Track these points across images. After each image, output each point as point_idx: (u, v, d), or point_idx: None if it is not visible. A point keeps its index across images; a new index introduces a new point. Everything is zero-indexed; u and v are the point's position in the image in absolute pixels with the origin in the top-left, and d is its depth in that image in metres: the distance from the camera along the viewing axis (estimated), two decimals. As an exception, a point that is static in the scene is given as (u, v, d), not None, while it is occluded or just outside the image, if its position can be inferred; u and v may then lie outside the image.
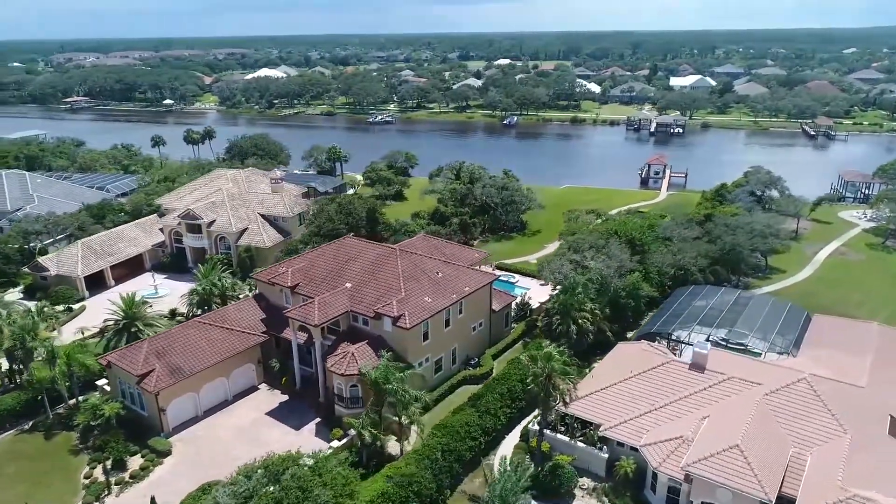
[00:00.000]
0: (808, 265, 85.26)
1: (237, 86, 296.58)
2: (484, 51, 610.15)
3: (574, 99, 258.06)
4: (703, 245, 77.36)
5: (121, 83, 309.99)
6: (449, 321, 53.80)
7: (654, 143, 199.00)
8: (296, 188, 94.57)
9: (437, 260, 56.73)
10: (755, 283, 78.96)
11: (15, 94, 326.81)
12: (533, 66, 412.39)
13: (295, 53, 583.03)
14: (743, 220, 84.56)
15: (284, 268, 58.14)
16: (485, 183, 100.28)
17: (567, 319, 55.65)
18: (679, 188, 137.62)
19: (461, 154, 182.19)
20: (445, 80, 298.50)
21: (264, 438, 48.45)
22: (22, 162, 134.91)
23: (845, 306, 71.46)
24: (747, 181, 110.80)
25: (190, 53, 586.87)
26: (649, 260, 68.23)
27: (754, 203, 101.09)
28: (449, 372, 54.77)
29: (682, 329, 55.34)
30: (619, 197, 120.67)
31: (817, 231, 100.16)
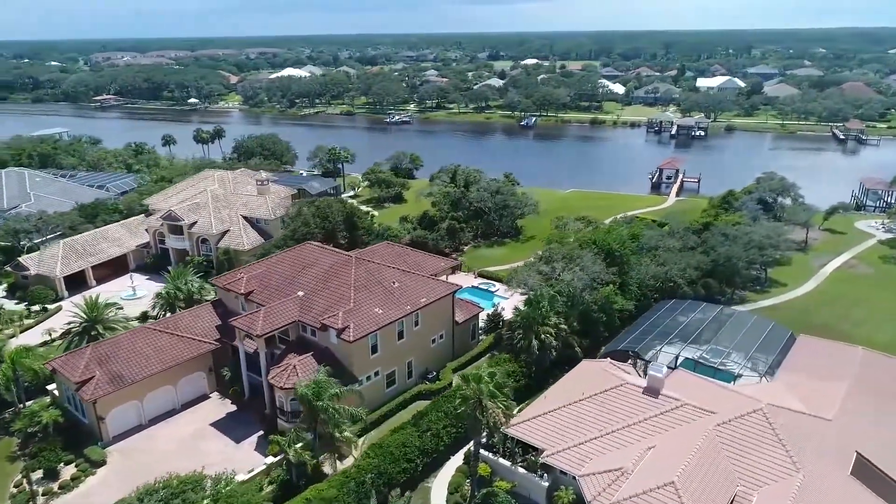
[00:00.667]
0: (812, 278, 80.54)
1: (260, 85, 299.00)
2: (514, 50, 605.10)
3: (596, 100, 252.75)
4: (696, 256, 73.65)
5: (148, 82, 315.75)
6: (403, 333, 51.67)
7: (675, 147, 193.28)
8: (285, 190, 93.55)
9: (396, 269, 54.64)
10: (751, 297, 74.85)
11: (49, 93, 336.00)
12: (560, 66, 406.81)
13: (326, 53, 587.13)
14: (743, 230, 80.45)
15: (242, 274, 56.83)
16: (480, 187, 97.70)
17: (529, 334, 52.97)
18: (692, 193, 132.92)
19: (473, 155, 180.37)
20: (467, 80, 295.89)
21: (203, 451, 47.09)
22: (35, 160, 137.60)
23: (844, 324, 67.10)
24: (758, 188, 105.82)
25: (224, 53, 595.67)
26: (629, 272, 64.95)
27: (760, 211, 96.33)
28: (404, 386, 52.65)
29: (651, 347, 52.13)
30: (623, 202, 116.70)
31: (829, 242, 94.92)
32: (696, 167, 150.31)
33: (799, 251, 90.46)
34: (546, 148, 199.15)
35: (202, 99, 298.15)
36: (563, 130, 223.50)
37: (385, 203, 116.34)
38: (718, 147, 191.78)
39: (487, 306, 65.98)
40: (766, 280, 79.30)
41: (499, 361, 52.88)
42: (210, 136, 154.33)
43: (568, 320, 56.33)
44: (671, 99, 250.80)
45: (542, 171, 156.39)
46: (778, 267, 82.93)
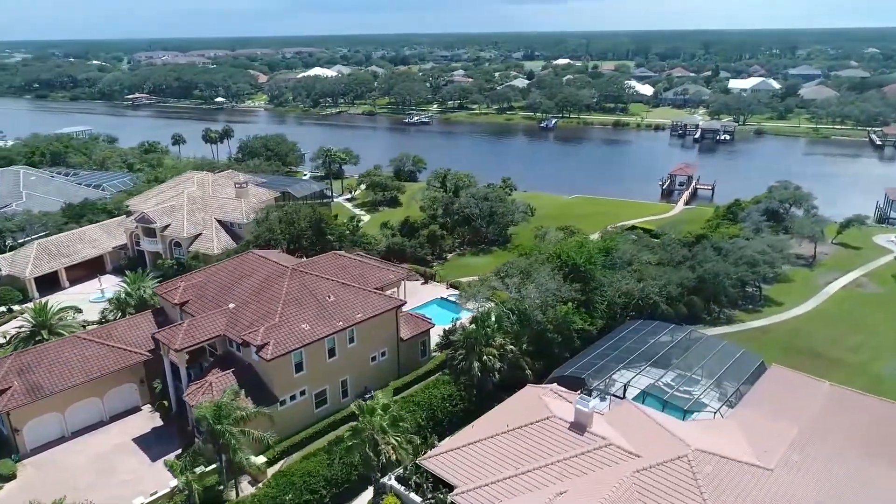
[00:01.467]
0: (813, 297, 74.60)
1: (286, 85, 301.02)
2: (551, 50, 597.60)
3: (621, 101, 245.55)
4: (681, 271, 68.91)
5: (179, 81, 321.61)
6: (334, 351, 48.93)
7: (699, 151, 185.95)
8: (267, 193, 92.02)
9: (336, 282, 51.90)
10: (741, 317, 69.60)
11: (86, 91, 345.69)
12: (592, 66, 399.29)
13: (362, 52, 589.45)
14: (737, 245, 75.18)
15: (182, 282, 55.01)
16: (469, 192, 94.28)
17: (471, 355, 49.59)
18: (705, 202, 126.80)
19: (485, 157, 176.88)
20: (492, 81, 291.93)
21: (117, 468, 45.31)
22: (46, 157, 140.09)
23: (836, 350, 61.62)
24: (767, 197, 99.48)
25: (262, 52, 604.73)
26: (597, 288, 60.75)
27: (765, 223, 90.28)
28: (338, 405, 49.87)
29: (603, 373, 48.12)
30: (627, 210, 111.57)
31: (840, 257, 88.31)
32: (717, 173, 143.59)
33: (805, 267, 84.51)
34: (563, 151, 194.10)
35: (229, 98, 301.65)
36: (585, 133, 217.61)
37: (380, 207, 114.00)
38: (744, 152, 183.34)
39: (453, 320, 62.79)
40: (761, 298, 73.82)
41: (436, 384, 49.75)
42: (219, 135, 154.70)
43: (519, 340, 52.85)
44: (700, 101, 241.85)
45: (553, 175, 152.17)
46: (778, 284, 77.46)
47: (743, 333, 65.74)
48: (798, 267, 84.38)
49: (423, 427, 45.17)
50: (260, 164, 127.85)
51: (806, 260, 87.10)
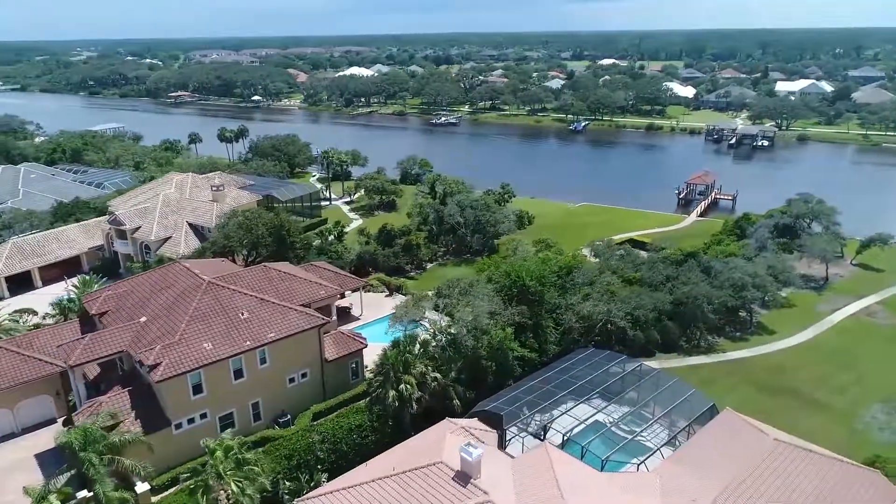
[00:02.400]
0: (813, 326, 67.45)
1: (321, 84, 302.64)
2: (601, 50, 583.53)
3: (658, 103, 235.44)
4: (658, 294, 63.24)
5: (220, 79, 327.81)
6: (242, 372, 46.02)
7: (734, 158, 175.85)
8: (248, 196, 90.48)
9: (255, 297, 48.98)
10: (723, 346, 63.39)
11: (134, 88, 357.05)
12: (638, 66, 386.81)
13: (409, 51, 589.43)
14: (733, 264, 68.72)
15: (109, 291, 53.26)
16: (456, 200, 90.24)
17: (387, 383, 45.81)
18: (725, 213, 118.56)
19: (503, 160, 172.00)
20: (526, 81, 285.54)
21: (9, 487, 43.57)
22: (66, 155, 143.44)
23: (821, 391, 55.03)
24: (785, 211, 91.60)
25: (312, 51, 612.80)
26: (553, 311, 55.96)
27: (775, 240, 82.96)
28: (248, 429, 46.91)
29: (527, 409, 43.54)
30: (632, 220, 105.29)
31: (857, 280, 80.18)
32: (747, 182, 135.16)
33: (813, 290, 77.00)
34: (588, 154, 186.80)
35: (266, 96, 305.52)
36: (615, 136, 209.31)
37: (376, 211, 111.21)
38: (783, 160, 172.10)
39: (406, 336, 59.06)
40: (751, 326, 67.18)
41: (349, 412, 46.28)
42: (234, 134, 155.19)
43: (448, 368, 48.78)
44: (743, 104, 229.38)
45: (569, 180, 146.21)
46: (777, 309, 70.49)
47: (719, 366, 59.70)
48: (805, 290, 76.96)
49: (301, 466, 41.97)
50: (262, 165, 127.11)
51: (817, 282, 79.46)
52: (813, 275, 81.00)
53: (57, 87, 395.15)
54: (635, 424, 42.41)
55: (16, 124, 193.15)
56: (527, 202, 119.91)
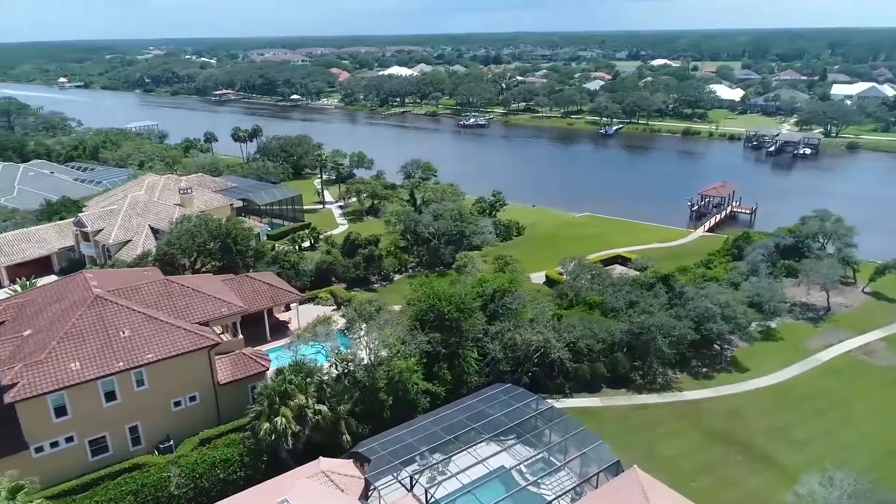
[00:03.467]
0: (796, 364, 59.89)
1: (359, 84, 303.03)
2: (659, 49, 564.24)
3: (699, 106, 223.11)
4: (608, 323, 57.36)
5: (263, 78, 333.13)
6: (115, 394, 43.37)
7: (772, 167, 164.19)
8: (221, 199, 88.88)
9: (143, 314, 46.28)
10: (681, 384, 56.84)
11: (184, 87, 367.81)
12: (692, 67, 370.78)
13: (460, 51, 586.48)
14: (708, 290, 61.93)
15: (15, 300, 51.84)
16: (431, 209, 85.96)
17: (262, 415, 42.23)
18: (743, 226, 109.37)
19: (523, 164, 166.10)
20: (565, 82, 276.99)
21: None
22: (86, 152, 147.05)
23: (778, 443, 48.35)
24: (791, 231, 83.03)
25: (366, 50, 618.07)
26: (479, 340, 51.05)
27: (768, 263, 74.92)
28: (125, 454, 44.29)
29: (398, 452, 39.04)
30: (632, 233, 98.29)
31: (865, 311, 71.36)
32: (777, 194, 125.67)
33: (810, 321, 68.85)
34: (613, 160, 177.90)
35: (304, 96, 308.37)
36: (649, 141, 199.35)
37: (365, 217, 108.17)
38: (826, 169, 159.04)
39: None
40: (722, 360, 60.12)
41: (221, 444, 42.91)
42: (248, 134, 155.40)
43: (341, 399, 44.84)
44: (793, 108, 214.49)
45: (583, 187, 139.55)
46: (760, 342, 63.27)
47: (670, 406, 53.31)
48: (802, 321, 69.07)
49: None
50: (263, 166, 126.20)
51: (816, 312, 71.11)
52: (814, 303, 72.65)
53: (115, 85, 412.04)
54: (513, 482, 37.28)
55: (57, 121, 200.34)
56: (527, 211, 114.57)
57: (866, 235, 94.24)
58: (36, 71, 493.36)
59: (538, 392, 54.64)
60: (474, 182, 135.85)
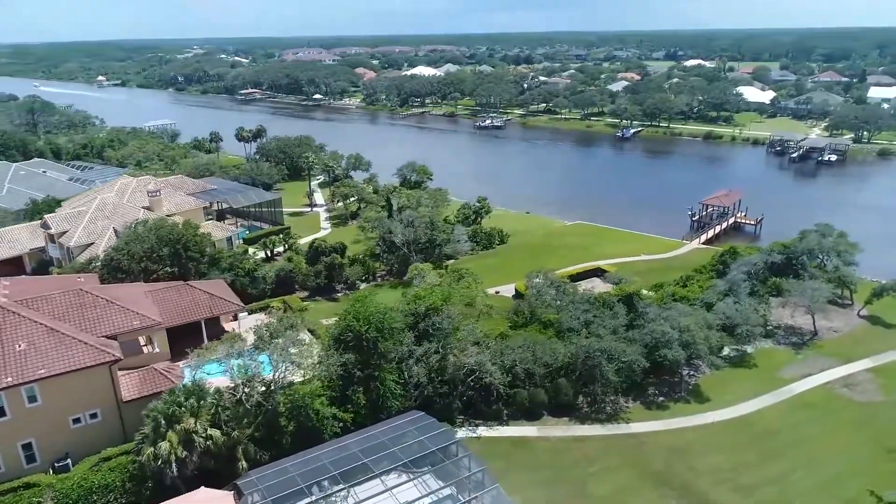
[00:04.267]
0: (766, 395, 55.12)
1: (380, 83, 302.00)
2: (699, 49, 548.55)
3: (724, 109, 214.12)
4: (553, 346, 53.47)
5: (289, 78, 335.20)
6: (4, 410, 41.68)
7: (794, 174, 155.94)
8: (193, 202, 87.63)
9: (44, 326, 44.47)
10: (629, 415, 52.58)
11: (213, 86, 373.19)
12: (727, 67, 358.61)
13: (490, 50, 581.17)
14: (670, 312, 57.41)
15: (-64, 306, 50.76)
16: (401, 217, 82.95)
17: (147, 439, 39.92)
18: (748, 238, 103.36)
19: (531, 167, 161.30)
20: (589, 82, 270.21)
21: None
22: (94, 151, 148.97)
23: (721, 488, 43.73)
24: (785, 246, 77.16)
25: (399, 49, 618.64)
26: (401, 362, 47.75)
27: (753, 281, 69.49)
28: (18, 471, 42.61)
29: (274, 488, 36.13)
30: (619, 244, 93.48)
31: (856, 337, 65.55)
32: (792, 203, 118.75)
33: (792, 346, 63.44)
34: (625, 165, 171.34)
35: (326, 95, 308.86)
36: (668, 145, 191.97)
37: (351, 221, 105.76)
38: (851, 177, 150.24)
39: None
40: (682, 390, 55.45)
41: (105, 468, 40.75)
42: (251, 134, 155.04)
43: (240, 423, 42.25)
44: (826, 111, 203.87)
45: (586, 193, 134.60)
46: (729, 369, 58.75)
47: (612, 440, 49.13)
48: (783, 346, 63.79)
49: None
50: (256, 167, 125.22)
51: (801, 336, 65.53)
52: (800, 326, 67.01)
53: (150, 83, 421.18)
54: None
55: (78, 119, 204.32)
56: (518, 218, 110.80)
57: (880, 252, 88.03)
58: (78, 69, 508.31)
59: (476, 418, 51.57)
60: (476, 185, 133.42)
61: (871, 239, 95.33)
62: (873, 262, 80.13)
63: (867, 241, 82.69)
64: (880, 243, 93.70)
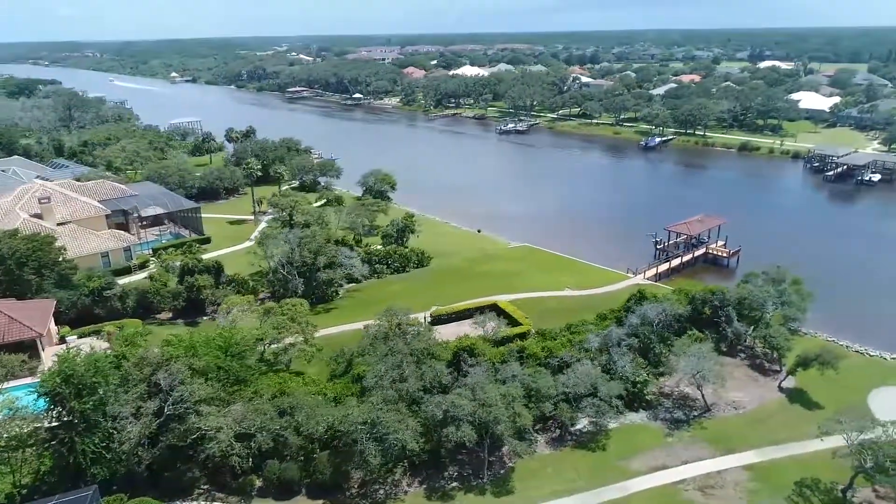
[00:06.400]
0: (588, 493, 44.77)
1: (418, 84, 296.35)
2: (788, 48, 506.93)
3: (773, 117, 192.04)
4: (326, 411, 45.16)
5: (336, 76, 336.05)
6: None
7: (829, 196, 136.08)
8: (94, 210, 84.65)
9: None
10: (399, 501, 43.07)
11: (269, 83, 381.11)
12: (807, 70, 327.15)
13: (553, 50, 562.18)
14: (480, 380, 47.81)
15: None
16: (286, 236, 76.02)
17: None
18: (720, 274, 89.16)
19: (528, 178, 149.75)
20: (633, 85, 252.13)
21: None
22: (90, 149, 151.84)
23: None
24: (712, 292, 64.26)
25: (471, 48, 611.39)
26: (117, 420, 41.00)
27: (631, 339, 57.57)
28: None
29: None
30: (552, 273, 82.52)
31: (758, 419, 53.44)
32: (794, 233, 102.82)
33: (671, 424, 51.72)
34: (633, 180, 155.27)
35: (367, 95, 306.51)
36: (696, 157, 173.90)
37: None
38: (893, 202, 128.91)
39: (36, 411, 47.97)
40: (485, 474, 45.42)
41: None
42: (240, 135, 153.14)
43: None
44: (890, 122, 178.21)
45: (559, 210, 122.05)
46: (569, 450, 48.15)
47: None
48: (660, 421, 52.52)
49: None
50: (228, 171, 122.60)
51: (689, 411, 53.43)
52: (695, 397, 54.68)
53: (217, 80, 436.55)
54: None
55: (110, 116, 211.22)
56: (461, 236, 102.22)
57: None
58: (160, 66, 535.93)
59: (221, 491, 44.07)
60: (452, 197, 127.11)
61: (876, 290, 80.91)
62: (862, 320, 66.42)
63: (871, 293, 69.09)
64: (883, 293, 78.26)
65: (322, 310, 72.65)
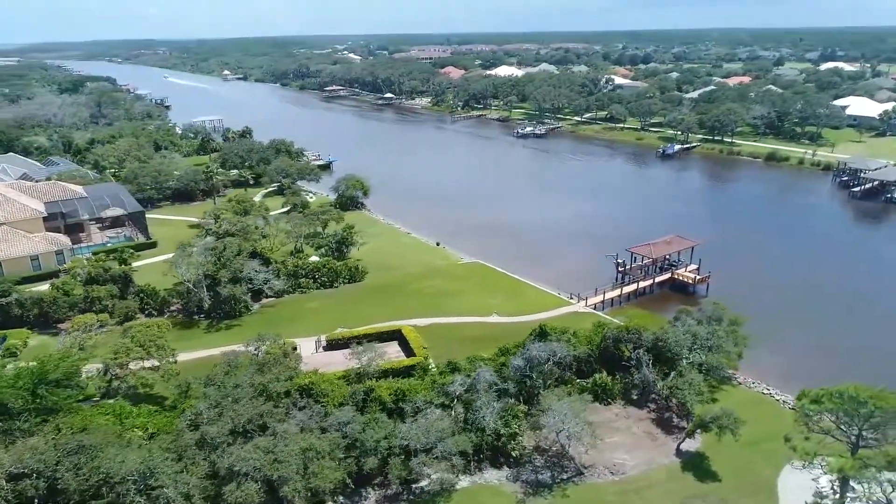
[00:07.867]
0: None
1: (450, 84, 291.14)
2: (865, 48, 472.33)
3: (812, 125, 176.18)
4: (138, 454, 40.99)
5: (372, 76, 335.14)
6: None
7: (854, 213, 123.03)
8: (30, 211, 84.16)
9: None
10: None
11: (309, 81, 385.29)
12: (875, 72, 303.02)
13: (604, 50, 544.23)
14: (287, 428, 42.69)
15: None
16: (199, 245, 72.99)
17: None
18: (681, 302, 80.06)
19: (524, 187, 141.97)
20: (669, 88, 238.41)
21: None
22: (95, 147, 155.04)
23: None
24: (629, 330, 56.58)
25: (525, 48, 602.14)
26: None
27: (508, 384, 50.95)
28: None
29: None
30: (489, 295, 76.28)
31: (633, 487, 45.35)
32: (792, 259, 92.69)
33: (533, 488, 45.22)
34: (636, 193, 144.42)
35: (399, 95, 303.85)
36: (717, 166, 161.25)
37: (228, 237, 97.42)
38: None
39: None
40: None
41: None
42: (236, 136, 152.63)
43: None
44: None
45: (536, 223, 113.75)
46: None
47: None
48: (516, 484, 46.13)
49: None
50: (188, 173, 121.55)
51: (557, 473, 46.53)
52: (574, 457, 47.51)
53: (265, 78, 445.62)
54: None
55: (136, 113, 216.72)
56: (415, 249, 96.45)
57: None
58: (216, 64, 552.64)
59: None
60: (440, 204, 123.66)
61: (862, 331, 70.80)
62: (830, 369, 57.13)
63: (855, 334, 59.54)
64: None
65: (224, 326, 69.18)
